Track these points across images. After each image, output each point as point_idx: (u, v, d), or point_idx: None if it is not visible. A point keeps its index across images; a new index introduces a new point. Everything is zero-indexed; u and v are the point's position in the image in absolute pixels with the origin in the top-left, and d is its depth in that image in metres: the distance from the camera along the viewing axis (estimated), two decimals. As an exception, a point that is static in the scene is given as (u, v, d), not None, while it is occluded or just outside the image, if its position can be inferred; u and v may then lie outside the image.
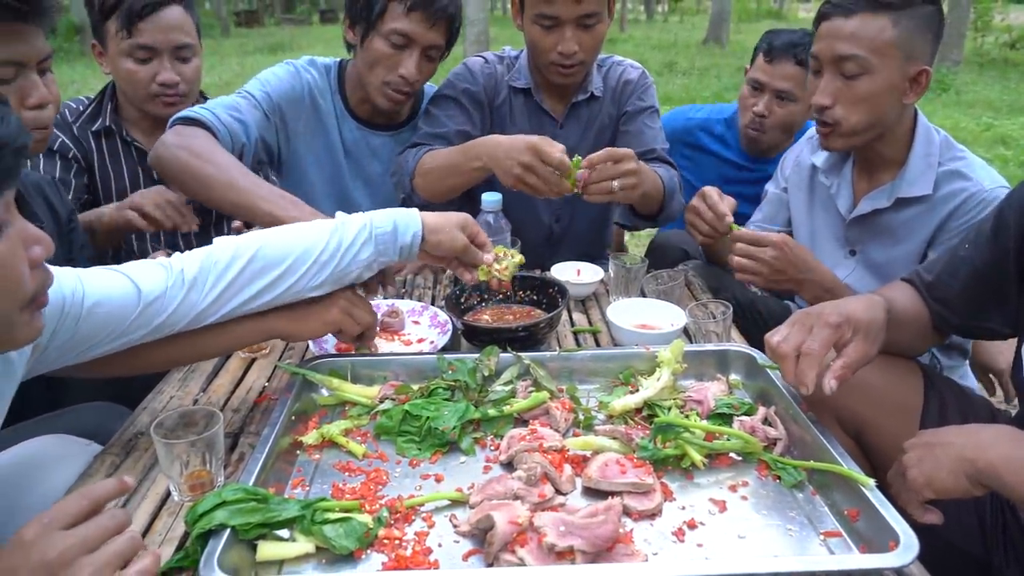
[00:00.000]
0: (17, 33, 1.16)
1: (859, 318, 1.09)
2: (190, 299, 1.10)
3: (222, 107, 1.71)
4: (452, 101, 1.90)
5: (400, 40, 1.76)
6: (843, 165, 1.72)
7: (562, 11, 1.72)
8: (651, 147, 1.92)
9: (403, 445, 1.13)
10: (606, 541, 0.88)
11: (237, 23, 28.39)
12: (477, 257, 1.28)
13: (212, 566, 0.82)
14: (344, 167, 2.01)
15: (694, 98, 10.53)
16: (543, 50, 1.80)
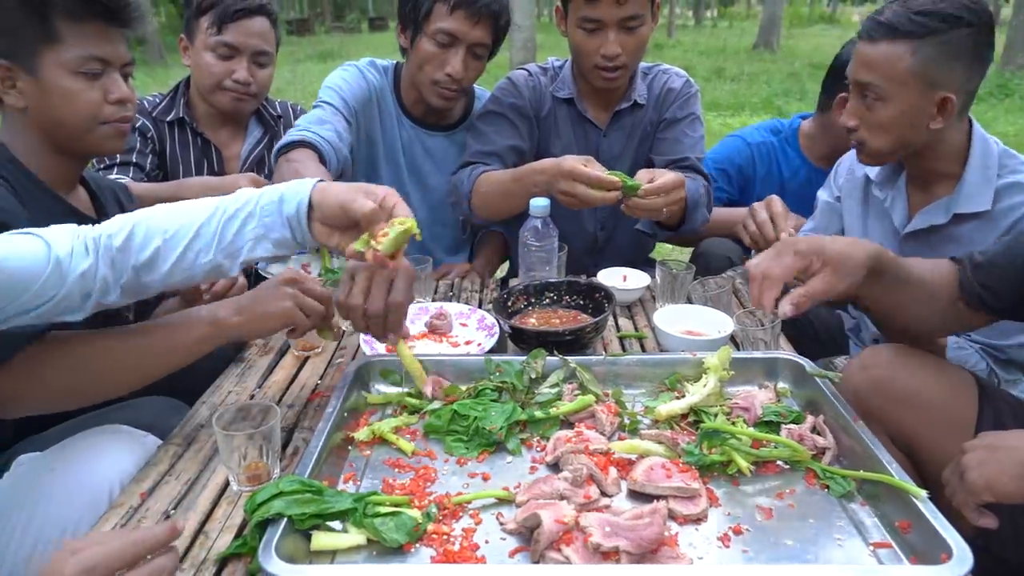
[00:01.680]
0: (105, 34, 1.26)
1: (831, 250, 1.11)
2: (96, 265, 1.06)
3: (315, 122, 1.77)
4: (500, 117, 1.93)
5: (446, 39, 1.83)
6: (897, 178, 1.68)
7: (605, 14, 1.74)
8: (685, 155, 1.92)
9: (451, 444, 1.15)
10: (651, 543, 0.89)
11: (289, 31, 29.06)
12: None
13: (270, 553, 0.85)
14: (403, 167, 2.07)
15: (743, 104, 10.40)
16: (586, 53, 1.82)
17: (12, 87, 1.25)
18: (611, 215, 2.10)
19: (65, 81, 1.24)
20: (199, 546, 0.97)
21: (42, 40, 1.22)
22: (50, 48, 1.22)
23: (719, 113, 9.86)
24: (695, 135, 1.97)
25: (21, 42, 1.22)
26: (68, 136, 1.29)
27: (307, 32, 29.74)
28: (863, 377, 1.26)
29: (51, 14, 1.21)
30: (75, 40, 1.23)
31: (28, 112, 1.27)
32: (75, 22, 1.22)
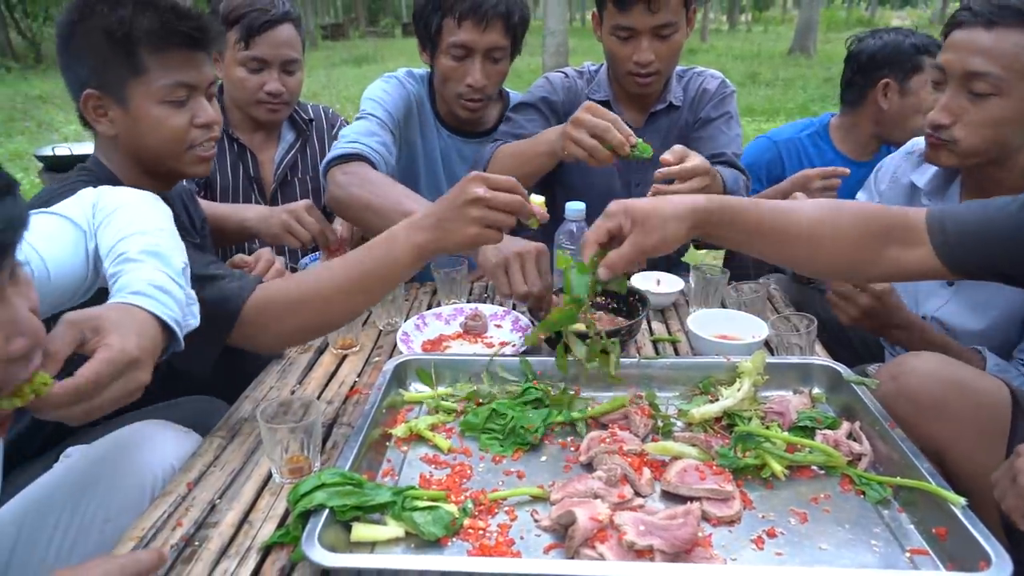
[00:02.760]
0: (189, 59, 1.30)
1: (636, 208, 1.12)
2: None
3: (364, 134, 1.81)
4: (531, 107, 1.96)
5: (460, 52, 1.85)
6: (948, 188, 1.60)
7: (637, 22, 1.76)
8: (721, 151, 1.90)
9: (486, 442, 1.17)
10: (685, 543, 0.90)
11: (324, 36, 29.56)
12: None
13: (313, 542, 0.88)
14: (442, 175, 2.11)
15: (778, 110, 10.28)
16: (620, 60, 1.84)
17: (103, 115, 1.31)
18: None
19: (153, 110, 1.29)
20: (243, 535, 1.00)
21: (129, 72, 1.27)
22: (137, 79, 1.27)
23: (753, 119, 9.76)
24: (731, 133, 1.96)
25: (110, 74, 1.27)
26: (157, 161, 1.34)
27: (342, 37, 30.20)
28: (892, 386, 1.24)
29: (135, 47, 1.25)
30: (160, 70, 1.27)
31: (118, 139, 1.32)
32: (159, 52, 1.27)
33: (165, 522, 1.02)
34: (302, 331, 1.26)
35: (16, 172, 6.99)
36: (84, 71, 1.29)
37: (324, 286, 1.20)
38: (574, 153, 1.53)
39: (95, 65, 1.28)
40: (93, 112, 1.31)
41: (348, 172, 1.70)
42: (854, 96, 2.25)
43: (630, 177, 2.05)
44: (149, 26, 1.25)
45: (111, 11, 1.25)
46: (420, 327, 1.57)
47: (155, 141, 1.32)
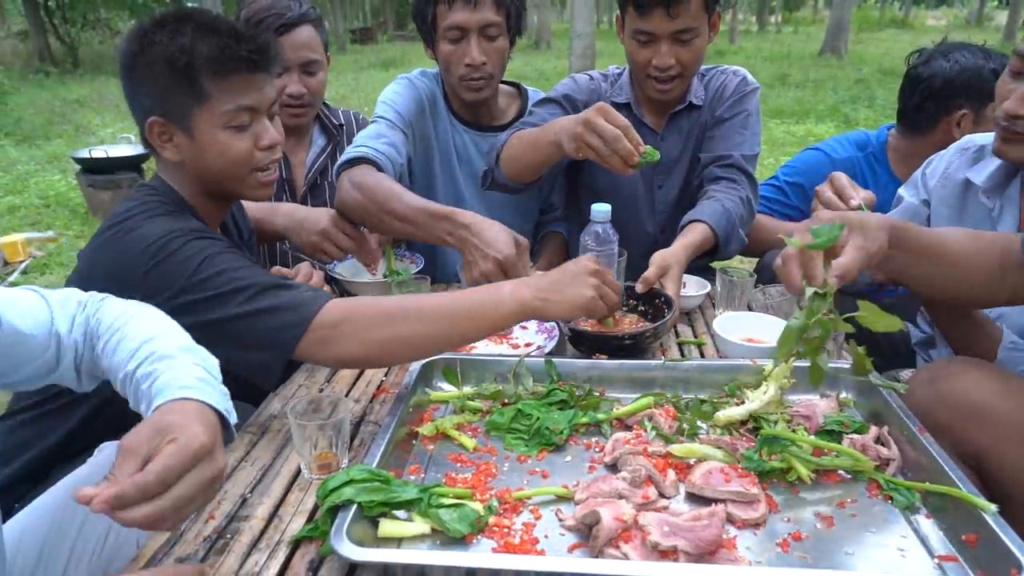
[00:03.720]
0: (251, 82, 1.30)
1: (851, 216, 1.10)
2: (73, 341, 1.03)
3: (372, 137, 1.85)
4: (554, 103, 1.97)
5: (456, 34, 1.88)
6: (1008, 185, 1.55)
7: (657, 27, 1.75)
8: (728, 152, 1.88)
9: (512, 441, 1.18)
10: (709, 544, 0.90)
11: (353, 40, 29.86)
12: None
13: (341, 536, 0.90)
14: (457, 170, 2.13)
15: (808, 111, 10.16)
16: (640, 65, 1.84)
17: (168, 141, 1.32)
18: (671, 217, 2.10)
19: (217, 136, 1.29)
20: (273, 529, 1.02)
21: (192, 99, 1.27)
22: (200, 106, 1.27)
23: (783, 120, 9.66)
24: (746, 132, 1.92)
25: (173, 102, 1.28)
26: (221, 185, 1.36)
27: (370, 41, 30.47)
28: (930, 391, 1.23)
29: (197, 74, 1.25)
30: (222, 95, 1.27)
31: (184, 164, 1.34)
32: (220, 78, 1.26)
33: (197, 515, 1.05)
34: (393, 342, 1.20)
35: (54, 173, 7.19)
36: (148, 99, 1.30)
37: (424, 305, 1.21)
38: (585, 155, 1.52)
39: (158, 93, 1.28)
40: (158, 139, 1.32)
41: (351, 177, 1.73)
42: (923, 122, 2.11)
43: (653, 178, 2.05)
44: (209, 53, 1.25)
45: (171, 40, 1.25)
46: (446, 327, 1.58)
47: (220, 166, 1.32)
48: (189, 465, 0.79)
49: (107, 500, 0.74)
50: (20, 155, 8.13)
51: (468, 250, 1.56)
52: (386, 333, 1.19)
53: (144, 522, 0.76)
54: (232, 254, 1.26)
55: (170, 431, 0.81)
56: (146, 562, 0.96)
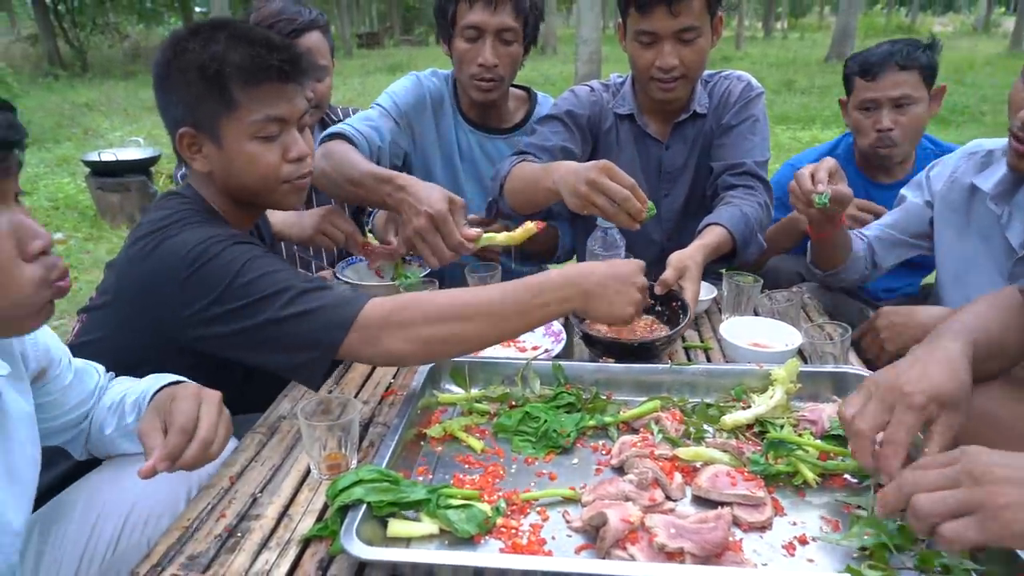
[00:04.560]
0: (281, 93, 1.29)
1: (945, 392, 0.95)
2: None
3: (358, 119, 1.93)
4: (556, 120, 1.97)
5: (472, 33, 1.92)
6: (1017, 192, 1.55)
7: (659, 26, 1.76)
8: (741, 160, 1.88)
9: (519, 444, 1.19)
10: (716, 547, 0.91)
11: (359, 44, 29.98)
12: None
13: (351, 535, 0.91)
14: (460, 169, 2.15)
15: (813, 117, 10.16)
16: (643, 67, 1.84)
17: (198, 152, 1.31)
18: (677, 226, 2.11)
19: (246, 146, 1.28)
20: (283, 527, 1.04)
21: (221, 107, 1.26)
22: (229, 115, 1.26)
23: (788, 126, 9.66)
24: (755, 138, 1.92)
25: (203, 111, 1.27)
26: (249, 195, 1.36)
27: (377, 45, 30.57)
28: None
29: (227, 82, 1.24)
30: (251, 105, 1.26)
31: (213, 175, 1.34)
32: (250, 87, 1.25)
33: (209, 513, 1.06)
34: (438, 341, 1.19)
35: (64, 176, 7.23)
36: (179, 109, 1.29)
37: (469, 303, 1.19)
38: (590, 212, 1.49)
39: (189, 101, 1.28)
40: (188, 150, 1.32)
41: (323, 149, 1.80)
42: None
43: (659, 187, 2.05)
44: (240, 61, 1.24)
45: (204, 48, 1.25)
46: (454, 330, 1.59)
47: (248, 177, 1.32)
48: (195, 408, 1.03)
49: (162, 459, 0.97)
50: (30, 158, 8.18)
51: (404, 209, 1.61)
52: (432, 332, 1.17)
53: (195, 460, 1.00)
54: (270, 257, 1.27)
55: (164, 402, 1.06)
56: (159, 559, 0.97)
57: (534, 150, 1.89)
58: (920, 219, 1.81)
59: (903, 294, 2.30)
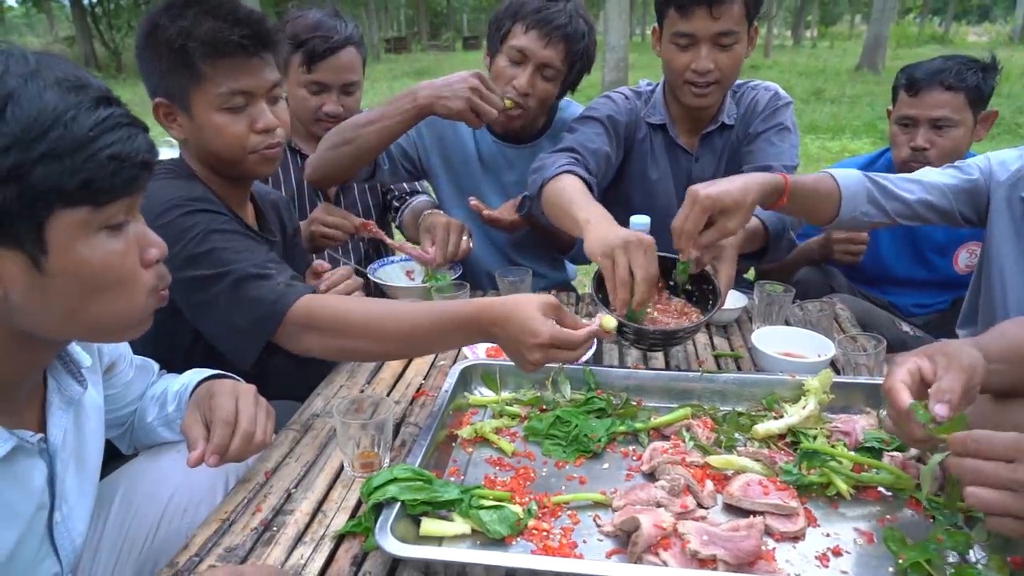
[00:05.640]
0: (245, 66, 1.33)
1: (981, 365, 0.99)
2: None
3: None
4: (596, 122, 1.94)
5: (517, 56, 1.92)
6: None
7: (698, 28, 1.75)
8: (767, 164, 1.82)
9: (549, 447, 1.20)
10: (748, 555, 0.91)
11: (387, 49, 30.28)
12: None
13: (386, 533, 0.92)
14: (480, 177, 2.16)
15: (843, 128, 10.05)
16: (678, 70, 1.82)
17: (173, 122, 1.38)
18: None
19: (213, 117, 1.34)
20: (318, 523, 1.05)
21: (189, 81, 1.32)
22: (197, 88, 1.32)
23: (817, 136, 9.56)
24: (783, 144, 1.89)
25: (173, 83, 1.33)
26: (223, 165, 1.41)
27: (404, 50, 30.85)
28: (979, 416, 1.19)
29: (192, 56, 1.29)
30: (217, 78, 1.31)
31: (189, 143, 1.41)
32: (214, 60, 1.30)
33: (245, 507, 1.08)
34: (344, 352, 1.31)
35: (98, 175, 7.37)
36: (153, 80, 1.37)
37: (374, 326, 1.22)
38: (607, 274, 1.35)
39: (162, 74, 1.34)
40: (164, 119, 1.39)
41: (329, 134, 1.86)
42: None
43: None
44: (204, 36, 1.28)
45: (172, 23, 1.30)
46: (484, 333, 1.61)
47: (217, 146, 1.37)
48: (232, 403, 1.08)
49: (212, 451, 1.03)
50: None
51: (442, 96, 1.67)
52: (344, 344, 1.25)
53: (239, 453, 1.06)
54: (226, 233, 1.32)
55: (203, 398, 1.11)
56: (197, 550, 0.99)
57: (581, 149, 1.84)
58: (974, 195, 1.64)
59: (936, 310, 2.27)
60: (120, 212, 0.83)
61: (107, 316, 0.87)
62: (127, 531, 1.13)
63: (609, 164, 1.91)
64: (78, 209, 0.79)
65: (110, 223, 0.83)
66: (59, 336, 0.90)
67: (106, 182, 0.79)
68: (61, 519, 0.97)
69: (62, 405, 0.97)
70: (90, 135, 0.78)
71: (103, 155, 0.78)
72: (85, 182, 0.78)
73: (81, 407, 1.03)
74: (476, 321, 1.15)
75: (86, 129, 0.77)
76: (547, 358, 1.11)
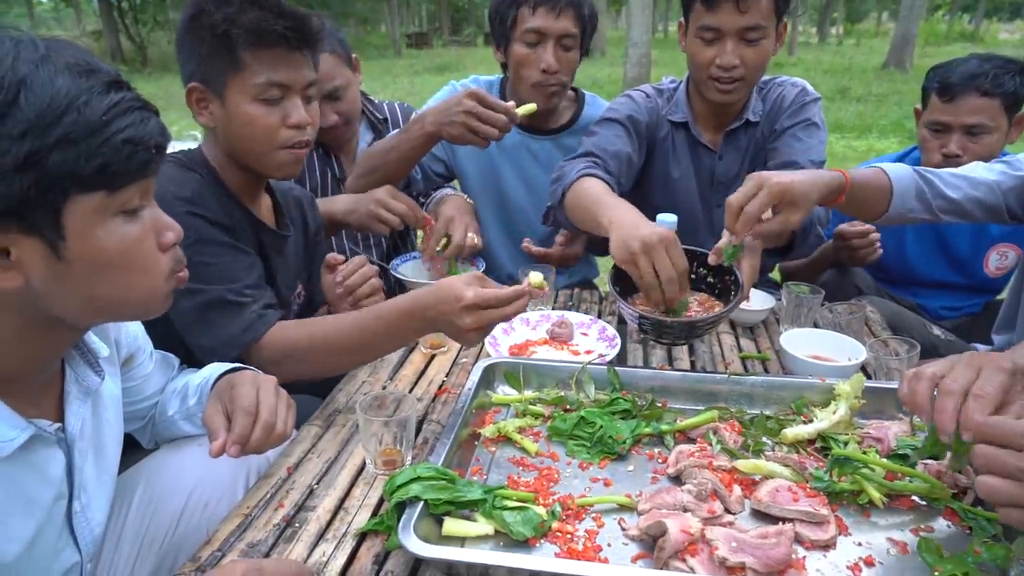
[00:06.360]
0: (286, 59, 1.34)
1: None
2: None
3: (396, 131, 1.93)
4: (616, 123, 1.92)
5: (533, 37, 1.93)
6: None
7: (725, 22, 1.71)
8: (793, 159, 1.79)
9: (574, 448, 1.18)
10: (778, 563, 0.89)
11: (408, 44, 30.31)
12: None
13: (409, 532, 0.91)
14: (503, 170, 2.15)
15: (869, 126, 9.91)
16: (702, 64, 1.78)
17: (205, 108, 1.39)
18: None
19: (246, 107, 1.34)
20: (340, 520, 1.05)
21: (228, 67, 1.33)
22: (235, 75, 1.33)
23: (843, 135, 9.43)
24: (810, 140, 1.85)
25: (212, 69, 1.34)
26: (249, 157, 1.41)
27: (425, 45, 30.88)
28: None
29: (235, 43, 1.31)
30: (257, 67, 1.32)
31: (217, 132, 1.41)
32: (256, 49, 1.32)
33: (267, 503, 1.08)
34: (307, 375, 1.35)
35: (123, 167, 7.46)
36: (191, 65, 1.37)
37: (332, 344, 1.31)
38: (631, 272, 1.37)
39: (200, 59, 1.35)
40: (196, 104, 1.39)
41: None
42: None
43: (711, 197, 2.02)
44: (248, 24, 1.30)
45: (217, 9, 1.31)
46: (507, 331, 1.60)
47: (247, 136, 1.37)
48: (253, 393, 1.07)
49: (233, 441, 1.01)
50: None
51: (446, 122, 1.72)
52: (326, 362, 1.33)
53: (260, 444, 1.03)
54: (215, 245, 1.34)
55: (225, 390, 1.10)
56: (219, 545, 0.99)
57: (600, 152, 1.83)
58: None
59: (966, 313, 2.22)
60: (135, 196, 0.83)
61: (127, 300, 0.87)
62: (148, 524, 1.13)
63: (631, 165, 1.89)
64: (94, 194, 0.79)
65: (126, 208, 0.83)
66: (81, 321, 0.90)
67: (121, 166, 0.79)
68: (80, 508, 0.97)
69: (80, 395, 0.97)
70: (104, 119, 0.77)
71: (118, 139, 0.78)
72: (101, 166, 0.78)
73: (99, 397, 1.03)
74: (411, 311, 1.24)
75: (100, 113, 0.77)
76: (479, 321, 1.16)
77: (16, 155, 0.73)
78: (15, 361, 0.87)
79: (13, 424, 0.85)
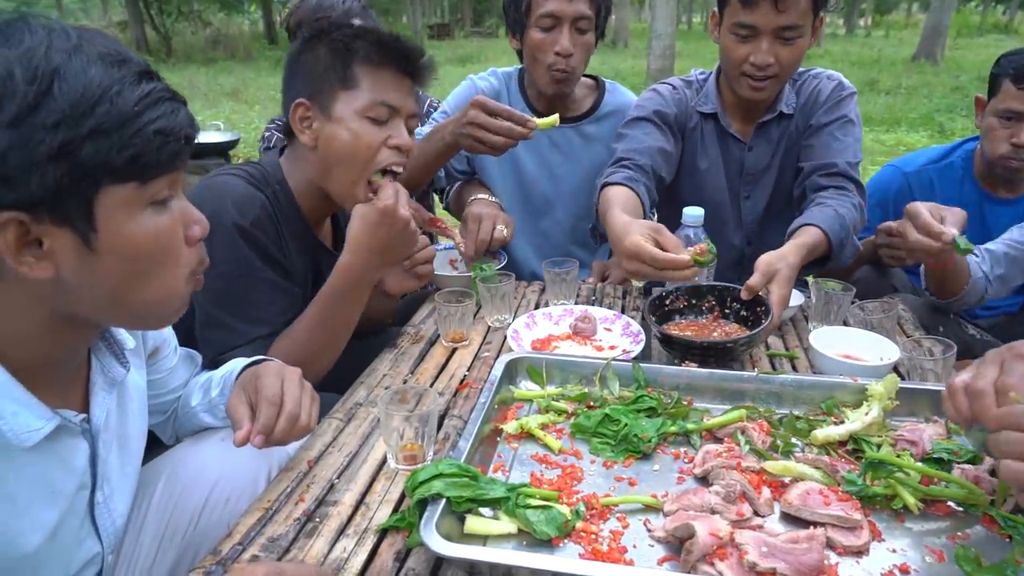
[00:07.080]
0: (398, 83, 1.40)
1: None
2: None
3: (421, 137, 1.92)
4: (645, 121, 1.90)
5: (548, 22, 1.92)
6: None
7: (761, 20, 1.67)
8: (831, 161, 1.77)
9: (598, 446, 1.16)
10: (811, 569, 0.86)
11: (430, 35, 30.30)
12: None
13: (431, 529, 0.90)
14: (525, 161, 2.14)
15: (899, 119, 9.72)
16: (735, 61, 1.75)
17: (308, 126, 1.40)
18: (758, 229, 2.03)
19: (353, 123, 1.37)
20: (360, 516, 1.03)
21: (340, 84, 1.37)
22: (346, 92, 1.37)
23: (871, 128, 9.26)
24: (847, 139, 1.81)
25: (323, 85, 1.38)
26: (337, 180, 1.42)
27: (447, 36, 30.84)
28: None
29: (352, 61, 1.35)
30: (368, 85, 1.37)
31: (316, 151, 1.42)
32: (371, 69, 1.37)
33: (288, 496, 1.07)
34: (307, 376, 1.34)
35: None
36: (301, 81, 1.40)
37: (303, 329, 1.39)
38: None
39: (313, 75, 1.39)
40: (299, 121, 1.41)
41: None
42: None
43: (740, 189, 1.98)
44: (367, 44, 1.37)
45: (339, 30, 1.39)
46: (530, 326, 1.58)
47: (348, 152, 1.39)
48: (278, 384, 1.07)
49: (258, 432, 1.00)
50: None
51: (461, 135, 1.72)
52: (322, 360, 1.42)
53: (284, 435, 1.03)
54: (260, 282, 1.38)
55: (249, 380, 1.10)
56: (240, 539, 0.98)
57: (629, 155, 1.81)
58: None
59: (1004, 312, 2.16)
60: (164, 187, 0.83)
61: (149, 299, 0.86)
62: (170, 517, 1.13)
63: (667, 156, 1.87)
64: (125, 185, 0.78)
65: (155, 199, 0.82)
66: (102, 320, 0.90)
67: (152, 157, 0.79)
68: (103, 499, 0.97)
69: (105, 386, 0.97)
70: (136, 110, 0.77)
71: (149, 130, 0.78)
72: (133, 157, 0.77)
73: (124, 388, 1.03)
74: (345, 268, 1.37)
75: (131, 104, 0.76)
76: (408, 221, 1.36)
77: (50, 145, 0.72)
78: (42, 351, 0.87)
79: (39, 414, 0.85)
